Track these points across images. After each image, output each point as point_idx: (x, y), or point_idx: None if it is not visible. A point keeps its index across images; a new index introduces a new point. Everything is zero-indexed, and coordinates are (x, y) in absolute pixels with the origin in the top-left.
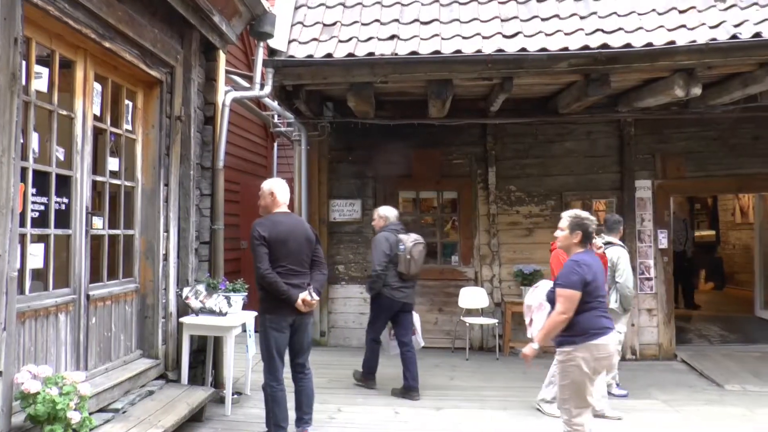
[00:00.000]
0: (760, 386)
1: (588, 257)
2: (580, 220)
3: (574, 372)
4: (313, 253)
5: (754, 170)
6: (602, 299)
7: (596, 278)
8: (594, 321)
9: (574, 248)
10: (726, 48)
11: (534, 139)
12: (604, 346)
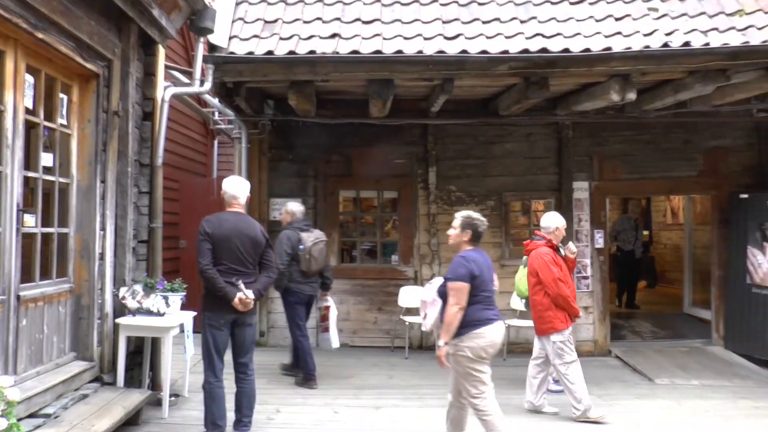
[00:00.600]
0: (687, 380)
1: (476, 254)
2: (471, 220)
3: (462, 361)
4: (262, 256)
5: (684, 173)
6: (488, 293)
7: (483, 273)
8: (478, 313)
9: (464, 245)
10: (659, 55)
11: (474, 140)
12: (486, 335)
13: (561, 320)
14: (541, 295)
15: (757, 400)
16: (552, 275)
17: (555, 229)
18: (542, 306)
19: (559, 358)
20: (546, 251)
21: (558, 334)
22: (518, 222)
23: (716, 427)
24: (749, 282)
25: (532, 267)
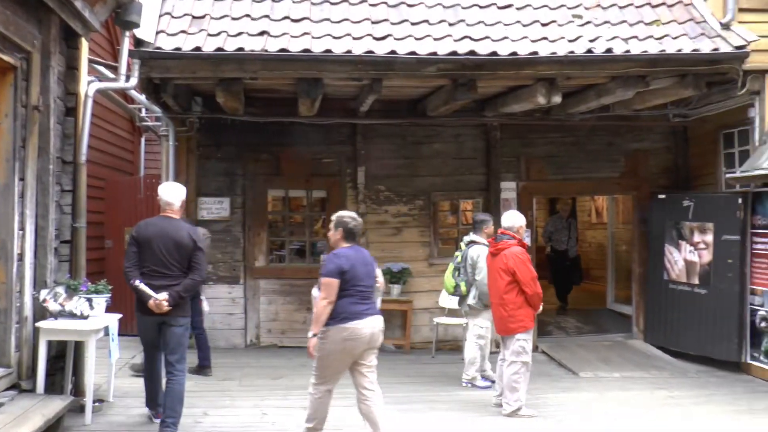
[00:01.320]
0: (609, 372)
1: (349, 251)
2: (341, 219)
3: (324, 348)
4: (190, 258)
5: (607, 174)
6: (361, 288)
7: (354, 269)
8: (347, 307)
9: (340, 243)
10: (583, 61)
11: (403, 140)
12: (354, 329)
13: (530, 319)
14: (515, 294)
15: (672, 390)
16: (531, 274)
17: (519, 228)
18: (514, 305)
19: (517, 356)
20: (520, 250)
21: (525, 333)
22: (447, 221)
23: (636, 416)
24: (666, 278)
25: (507, 266)
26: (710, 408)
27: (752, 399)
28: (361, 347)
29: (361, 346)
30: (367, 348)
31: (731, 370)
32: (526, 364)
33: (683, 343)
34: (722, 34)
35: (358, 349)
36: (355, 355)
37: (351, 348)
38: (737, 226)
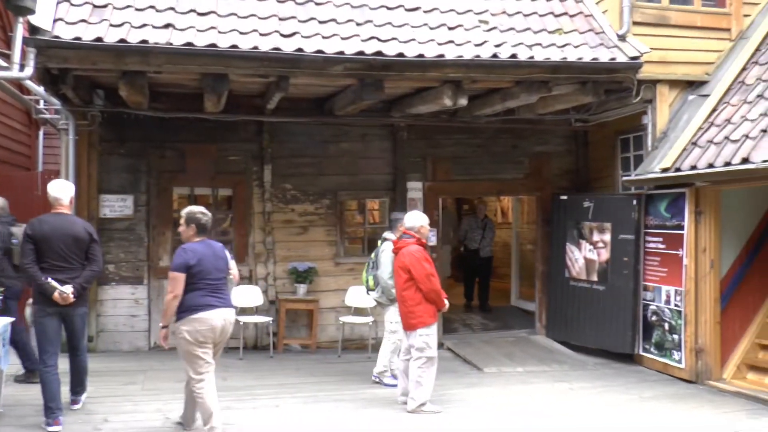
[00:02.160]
0: (513, 367)
1: (198, 245)
2: (192, 215)
3: (182, 343)
4: (87, 251)
5: (512, 175)
6: (211, 281)
7: (202, 263)
8: (197, 299)
9: (192, 238)
10: (488, 65)
11: (310, 138)
12: (203, 320)
13: (430, 315)
14: (413, 291)
15: (572, 382)
16: (425, 271)
17: (420, 227)
18: (413, 301)
19: (421, 351)
20: (417, 248)
21: (426, 329)
22: (354, 221)
23: (537, 408)
24: (568, 276)
25: (404, 264)
26: (606, 397)
27: (643, 387)
28: (215, 337)
29: (215, 336)
30: (216, 339)
31: (626, 362)
32: (431, 359)
33: (583, 337)
34: (619, 45)
35: (213, 339)
36: (213, 343)
37: (205, 338)
38: (633, 226)
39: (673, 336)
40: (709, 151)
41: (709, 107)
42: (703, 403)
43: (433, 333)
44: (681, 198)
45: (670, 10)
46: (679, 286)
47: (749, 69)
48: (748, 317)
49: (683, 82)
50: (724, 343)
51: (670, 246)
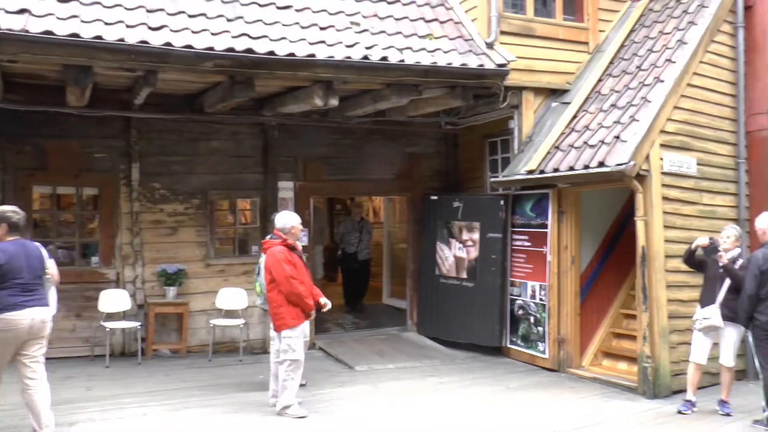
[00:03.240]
0: (384, 364)
1: (8, 245)
2: (4, 214)
3: None
4: None
5: (383, 176)
6: (21, 281)
7: (12, 262)
8: (4, 299)
9: (4, 237)
10: (359, 66)
11: (180, 136)
12: (10, 320)
13: (293, 317)
14: (276, 292)
15: (442, 377)
16: (284, 273)
17: (291, 228)
18: (276, 303)
19: (285, 354)
20: (280, 249)
21: (290, 330)
22: (226, 221)
23: (407, 403)
24: (438, 273)
25: (267, 265)
26: (474, 390)
27: (510, 378)
28: (20, 338)
29: (21, 337)
30: (27, 339)
31: (494, 355)
32: (296, 361)
33: (453, 332)
34: (487, 52)
35: (18, 340)
36: (16, 345)
37: (9, 338)
38: (500, 225)
39: (538, 328)
40: (570, 154)
41: (570, 114)
42: (564, 390)
43: (296, 335)
44: (545, 198)
45: (535, 21)
46: (544, 281)
47: (604, 80)
48: (604, 309)
49: (547, 90)
50: (584, 333)
51: (535, 244)
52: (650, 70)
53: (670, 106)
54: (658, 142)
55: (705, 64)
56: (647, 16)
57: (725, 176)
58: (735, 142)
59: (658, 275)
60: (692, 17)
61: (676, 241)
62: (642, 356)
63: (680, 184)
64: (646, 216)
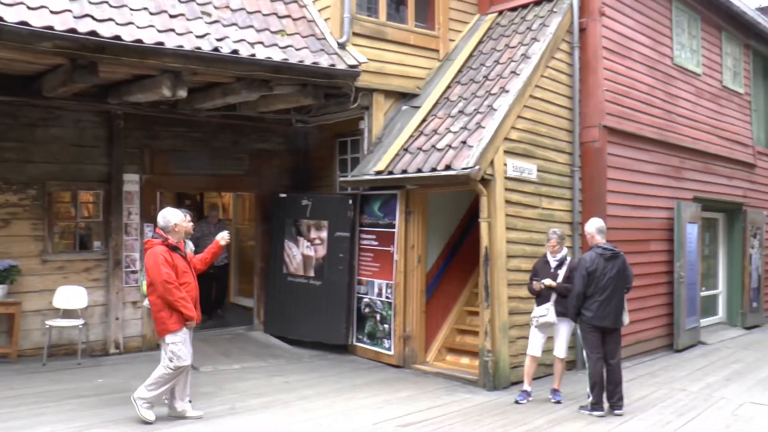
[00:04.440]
0: (229, 365)
1: None
2: None
3: None
4: None
5: (232, 172)
6: None
7: None
8: None
9: None
10: (209, 58)
11: (14, 120)
12: None
13: (174, 321)
14: (156, 296)
15: (288, 376)
16: (161, 277)
17: (174, 226)
18: (156, 306)
19: (169, 362)
20: (160, 250)
21: (172, 335)
22: (66, 214)
23: (250, 403)
24: (286, 272)
25: (146, 266)
26: (319, 389)
27: (355, 376)
28: None
29: None
30: None
31: (341, 353)
32: (178, 368)
33: (300, 331)
34: (339, 52)
35: None
36: None
37: None
38: (348, 224)
39: (384, 326)
40: (418, 157)
41: (420, 118)
42: (408, 385)
43: (179, 341)
44: (393, 199)
45: (387, 26)
46: (390, 279)
47: (453, 87)
48: (449, 306)
49: (397, 93)
50: (429, 330)
51: (382, 243)
52: (496, 80)
53: (514, 115)
54: (502, 149)
55: (546, 78)
56: (495, 30)
57: (562, 182)
58: (571, 151)
59: (500, 274)
60: (535, 34)
61: (517, 242)
62: (483, 350)
63: (522, 188)
64: (490, 218)
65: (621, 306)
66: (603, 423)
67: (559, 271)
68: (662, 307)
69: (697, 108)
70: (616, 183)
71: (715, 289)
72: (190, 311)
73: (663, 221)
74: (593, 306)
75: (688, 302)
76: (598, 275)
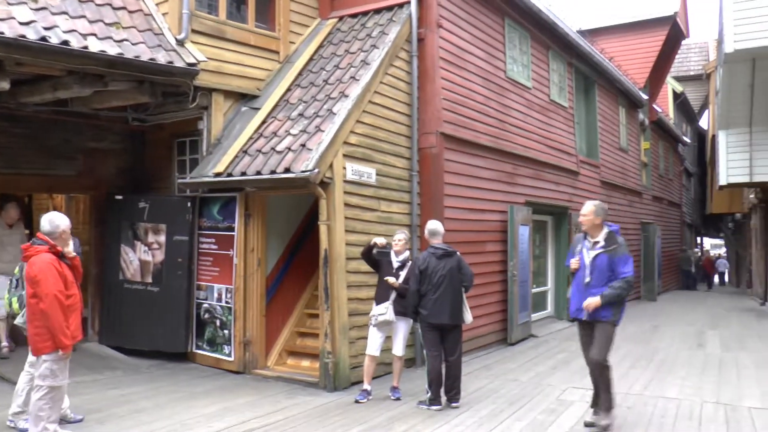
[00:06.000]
0: None
1: None
2: None
3: None
4: None
5: (64, 171)
6: None
7: None
8: None
9: None
10: (36, 48)
11: None
12: None
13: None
14: (39, 309)
15: (124, 388)
16: (51, 290)
17: (62, 233)
18: (36, 320)
19: (43, 379)
20: (49, 259)
21: (53, 354)
22: None
23: (86, 421)
24: (122, 278)
25: (32, 275)
26: (158, 400)
27: (195, 384)
28: None
29: None
30: None
31: (180, 361)
32: (56, 389)
33: (138, 340)
34: (177, 49)
35: None
36: None
37: None
38: (187, 227)
39: (224, 331)
40: (257, 159)
41: (260, 120)
42: (249, 391)
43: (60, 359)
44: (232, 202)
45: (227, 24)
46: (230, 283)
47: (293, 90)
48: (289, 309)
49: (237, 93)
50: (269, 334)
51: (222, 246)
52: (336, 84)
53: (353, 120)
54: (341, 152)
55: (385, 85)
56: (335, 35)
57: (401, 186)
58: (410, 156)
59: (340, 276)
60: (374, 41)
61: (356, 245)
62: (324, 352)
63: (361, 192)
64: (329, 221)
65: (457, 304)
66: (440, 416)
67: (401, 272)
68: (497, 303)
69: (527, 119)
70: (453, 187)
71: (544, 286)
72: (66, 345)
73: (497, 223)
74: (428, 304)
75: (520, 299)
76: (430, 273)
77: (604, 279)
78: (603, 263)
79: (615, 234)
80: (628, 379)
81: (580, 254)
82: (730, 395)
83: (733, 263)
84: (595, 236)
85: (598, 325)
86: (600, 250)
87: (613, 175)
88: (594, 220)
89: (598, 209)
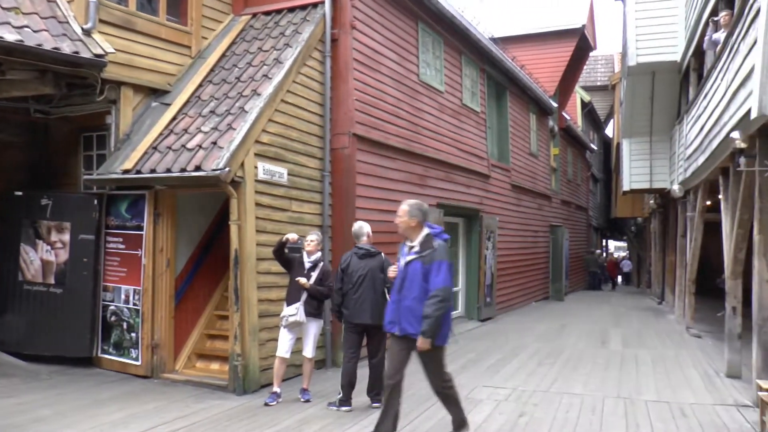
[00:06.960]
0: None
1: None
2: None
3: None
4: None
5: None
6: None
7: None
8: None
9: None
10: None
11: None
12: None
13: None
14: None
15: (22, 396)
16: None
17: None
18: None
19: None
20: None
21: None
22: None
23: None
24: (22, 279)
25: None
26: (59, 407)
27: (100, 390)
28: None
29: None
30: None
31: (85, 366)
32: None
33: (38, 345)
34: (84, 39)
35: None
36: None
37: None
38: (93, 226)
39: (132, 334)
40: (168, 156)
41: (170, 116)
42: (156, 396)
43: None
44: (141, 200)
45: (137, 16)
46: (138, 285)
47: (205, 86)
48: (199, 311)
49: (147, 88)
50: (178, 337)
51: (130, 246)
52: (249, 82)
53: (266, 119)
54: (253, 151)
55: (298, 84)
56: (248, 32)
57: (312, 186)
58: (322, 156)
59: (250, 276)
60: (288, 40)
61: (267, 245)
62: (233, 355)
63: (272, 191)
64: (240, 220)
65: (379, 304)
66: (349, 417)
67: (312, 273)
68: None
69: (440, 122)
70: (364, 188)
71: (456, 286)
72: None
73: None
74: (350, 303)
75: None
76: (350, 272)
77: (417, 289)
78: (416, 271)
79: (432, 237)
80: (536, 376)
81: (398, 261)
82: (629, 390)
83: (635, 265)
84: (412, 240)
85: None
86: (414, 255)
87: (524, 179)
88: (409, 222)
89: (413, 209)
